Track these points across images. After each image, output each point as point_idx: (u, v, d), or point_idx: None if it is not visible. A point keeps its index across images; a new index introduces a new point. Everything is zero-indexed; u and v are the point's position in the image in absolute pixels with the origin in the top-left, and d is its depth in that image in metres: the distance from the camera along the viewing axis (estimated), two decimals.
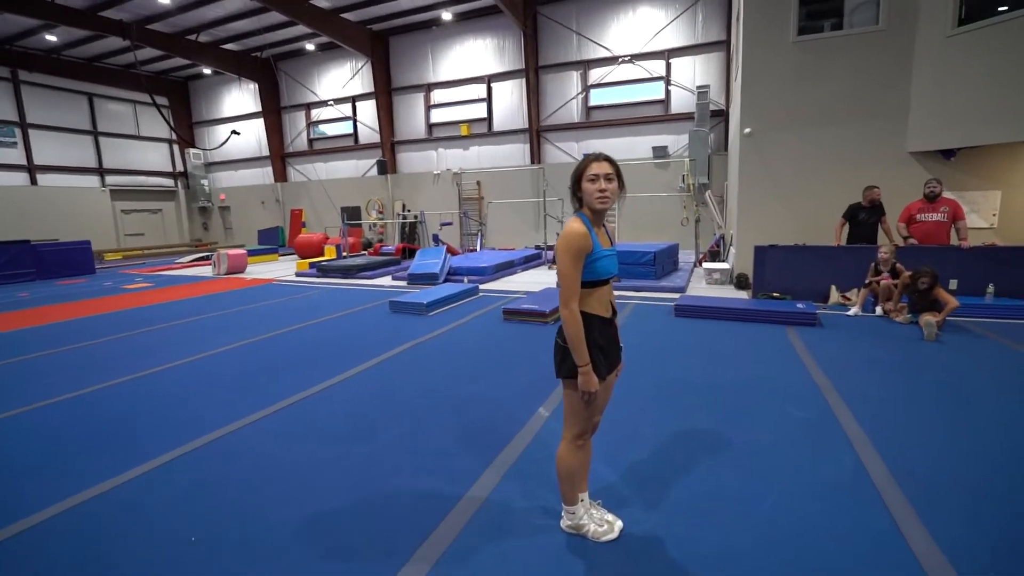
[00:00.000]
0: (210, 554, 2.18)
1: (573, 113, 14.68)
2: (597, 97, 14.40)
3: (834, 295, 6.52)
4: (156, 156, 20.68)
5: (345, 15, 15.16)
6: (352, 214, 17.39)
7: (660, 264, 8.67)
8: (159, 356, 5.21)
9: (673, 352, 4.80)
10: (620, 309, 6.65)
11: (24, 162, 16.96)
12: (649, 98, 13.80)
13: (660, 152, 13.36)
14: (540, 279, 9.67)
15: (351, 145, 18.25)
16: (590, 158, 1.99)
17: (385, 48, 16.78)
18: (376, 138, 17.56)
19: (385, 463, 2.89)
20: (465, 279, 9.23)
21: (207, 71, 19.14)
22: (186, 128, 20.96)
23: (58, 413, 3.83)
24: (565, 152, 14.79)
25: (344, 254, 12.88)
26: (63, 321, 7.25)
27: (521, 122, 15.30)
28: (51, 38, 15.68)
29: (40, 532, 2.37)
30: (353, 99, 17.85)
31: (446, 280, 9.44)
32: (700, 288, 8.12)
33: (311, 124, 18.88)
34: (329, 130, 18.77)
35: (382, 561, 2.08)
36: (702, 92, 12.51)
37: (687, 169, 12.77)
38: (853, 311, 5.94)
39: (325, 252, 13.80)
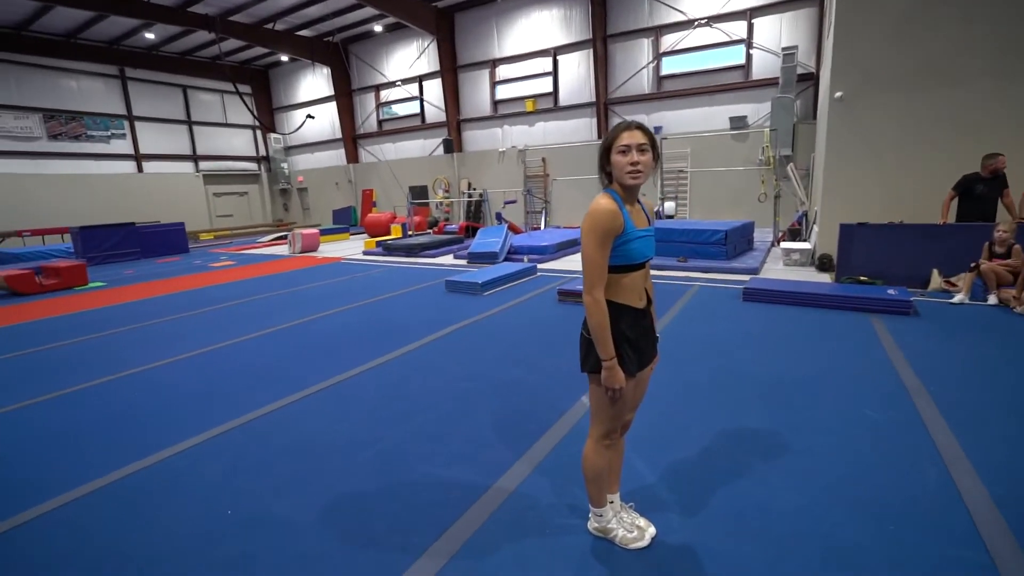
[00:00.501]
0: (241, 528, 2.24)
1: (643, 84, 13.90)
2: (669, 65, 13.51)
3: (935, 280, 5.73)
4: (241, 141, 22.11)
5: None
6: (419, 193, 17.71)
7: (732, 243, 8.05)
8: (224, 332, 5.54)
9: (735, 341, 4.41)
10: (683, 292, 6.31)
11: (132, 151, 18.73)
12: (727, 64, 12.74)
13: (738, 122, 12.36)
14: None
15: (418, 125, 18.49)
16: (621, 127, 1.75)
17: (450, 25, 16.68)
18: (442, 117, 17.66)
19: (418, 448, 2.86)
20: (525, 258, 9.10)
21: (284, 58, 20.02)
22: (267, 114, 22.18)
23: (127, 386, 4.17)
24: None
25: (409, 233, 13.15)
26: (154, 297, 7.96)
27: (588, 95, 14.73)
28: (150, 36, 17.01)
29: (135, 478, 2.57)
30: (420, 78, 18.00)
31: (506, 259, 9.36)
32: (776, 270, 7.46)
33: (380, 105, 19.31)
34: (398, 110, 19.11)
35: (398, 552, 2.03)
36: (788, 54, 11.35)
37: (767, 140, 11.73)
38: (958, 298, 5.18)
39: (392, 231, 14.17)
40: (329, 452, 2.87)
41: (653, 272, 7.71)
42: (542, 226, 13.88)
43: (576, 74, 14.91)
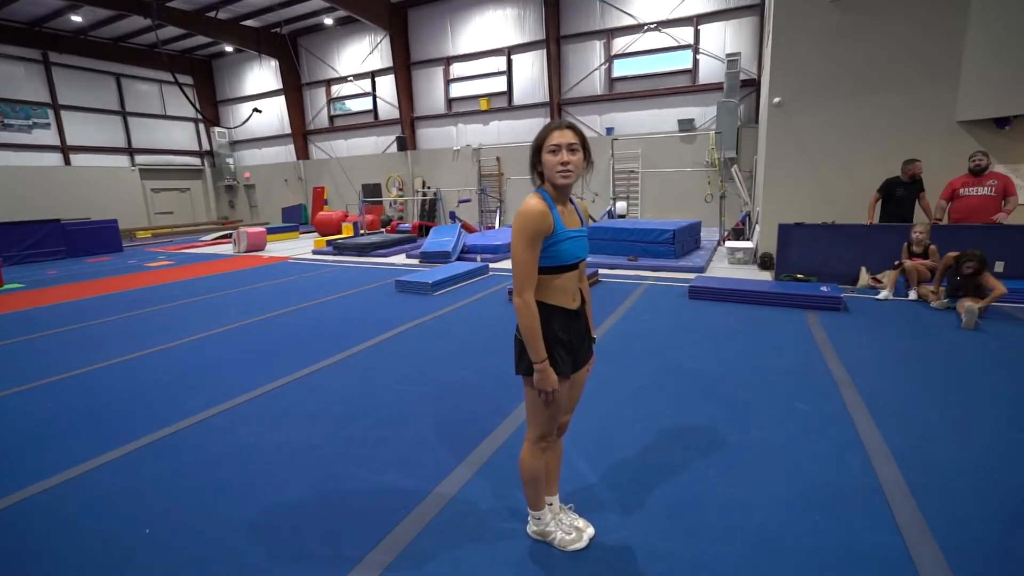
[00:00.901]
0: (160, 546, 2.09)
1: (596, 85, 14.11)
2: (621, 68, 13.77)
3: (863, 277, 6.07)
4: (183, 135, 20.99)
5: None
6: (373, 191, 17.31)
7: (680, 242, 8.27)
8: (154, 337, 5.22)
9: (679, 338, 4.52)
10: (632, 290, 6.42)
11: (58, 143, 17.43)
12: (676, 68, 13.10)
13: (686, 125, 12.73)
14: None
15: (371, 121, 18.09)
16: (551, 126, 1.73)
17: (404, 21, 16.41)
18: (396, 114, 17.35)
19: (357, 454, 2.76)
20: (478, 257, 9.04)
21: (228, 49, 19.16)
22: (210, 107, 21.15)
23: (47, 393, 3.85)
24: (587, 126, 14.26)
25: (361, 232, 12.84)
26: (75, 300, 7.42)
27: (542, 95, 14.82)
28: (76, 19, 15.86)
29: (17, 511, 2.34)
30: (372, 74, 17.61)
31: (459, 258, 9.27)
32: (722, 268, 7.72)
33: (331, 101, 18.77)
34: (350, 106, 18.63)
35: (330, 564, 1.94)
36: (732, 60, 11.79)
37: (713, 143, 12.14)
38: (883, 295, 5.51)
39: (343, 230, 13.80)
40: (259, 463, 2.72)
41: (605, 271, 7.89)
42: (496, 225, 13.86)
43: (530, 74, 14.97)
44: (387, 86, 17.44)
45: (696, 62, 12.81)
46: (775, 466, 2.49)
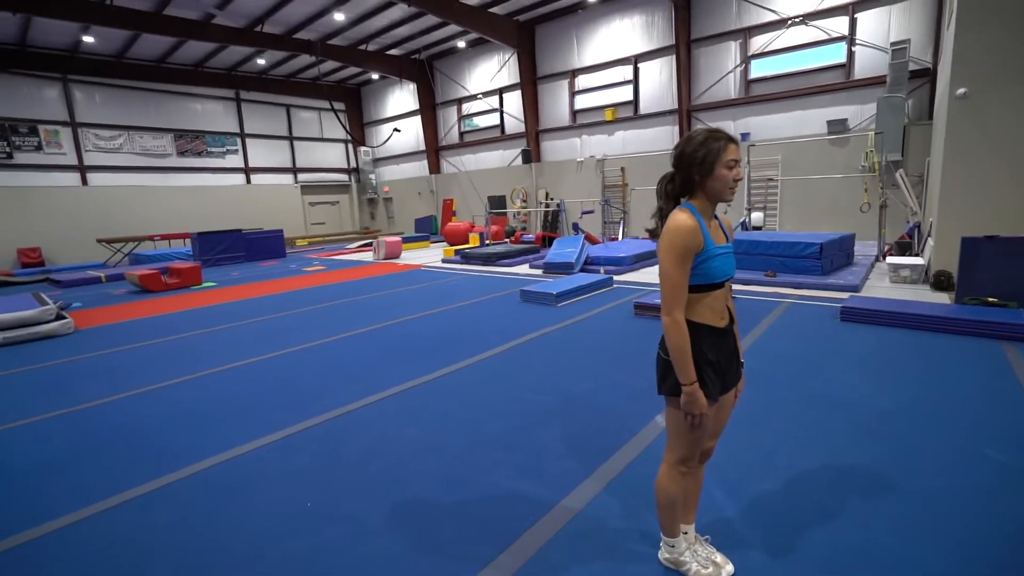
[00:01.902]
0: (317, 523, 2.35)
1: (730, 89, 13.26)
2: (759, 68, 12.79)
3: None
4: (334, 155, 23.74)
5: (492, 9, 15.59)
6: (497, 203, 18.03)
7: (828, 257, 7.42)
8: (315, 332, 5.92)
9: (831, 364, 4.04)
10: (770, 309, 5.89)
11: (242, 165, 20.72)
12: (825, 64, 11.83)
13: (837, 126, 11.42)
14: None
15: (498, 136, 18.87)
16: (723, 138, 1.64)
17: (531, 38, 16.93)
18: (521, 128, 17.90)
19: (486, 456, 2.87)
20: (601, 269, 8.95)
21: (375, 76, 21.29)
22: (358, 129, 23.65)
23: (245, 372, 4.56)
24: None
25: (487, 242, 13.40)
26: (256, 298, 8.69)
27: (670, 102, 14.30)
28: (261, 61, 18.79)
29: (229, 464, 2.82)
30: (500, 91, 18.39)
31: (583, 269, 9.26)
32: (882, 288, 6.78)
33: (462, 118, 19.94)
34: (478, 122, 19.64)
35: (461, 561, 2.04)
36: (898, 49, 10.34)
37: (871, 144, 10.73)
38: None
39: (470, 240, 14.52)
40: (400, 455, 2.95)
41: (736, 287, 7.33)
42: (619, 237, 13.60)
43: (657, 81, 14.54)
44: (513, 101, 18.09)
45: (851, 55, 11.45)
46: (957, 522, 2.10)
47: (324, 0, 14.53)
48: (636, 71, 14.90)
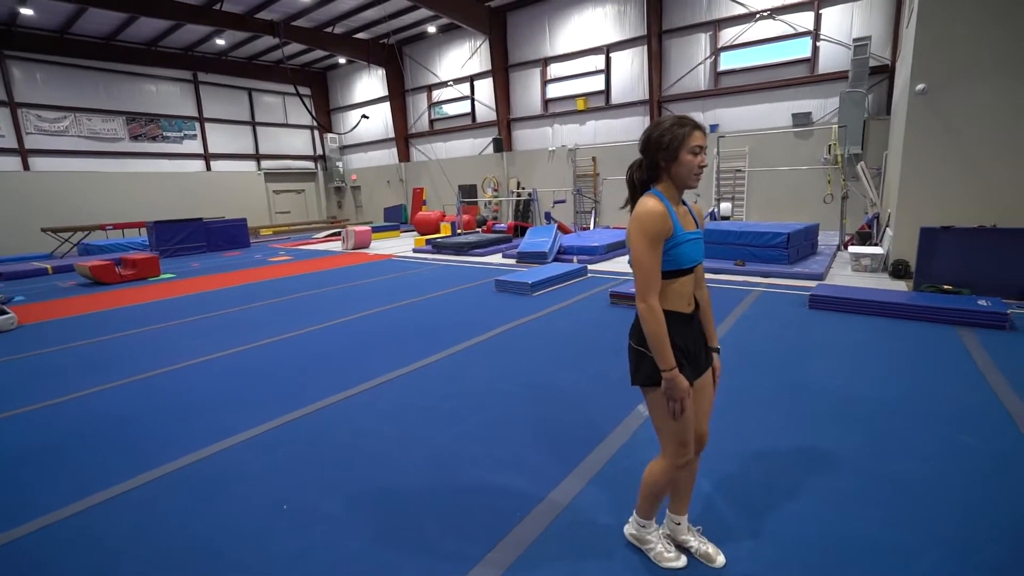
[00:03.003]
0: (297, 524, 2.26)
1: (700, 80, 13.43)
2: (728, 60, 12.98)
3: None
4: (300, 141, 22.99)
5: None
6: (469, 192, 17.84)
7: (795, 247, 7.63)
8: (281, 326, 5.72)
9: (803, 352, 4.15)
10: (741, 298, 6.02)
11: (201, 151, 19.83)
12: (791, 58, 12.10)
13: (802, 119, 11.72)
14: None
15: (469, 124, 18.63)
16: (689, 124, 1.64)
17: (503, 24, 16.71)
18: (493, 116, 17.72)
19: (467, 450, 2.83)
20: (575, 259, 8.97)
21: (342, 60, 20.65)
22: (324, 115, 22.94)
23: (191, 374, 4.36)
24: None
25: (458, 231, 13.25)
26: (218, 289, 8.35)
27: (641, 93, 14.38)
28: (220, 42, 17.92)
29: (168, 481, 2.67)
30: (471, 78, 18.13)
31: (556, 259, 9.25)
32: (844, 276, 7.01)
33: (432, 105, 19.59)
34: (448, 110, 19.34)
35: (452, 560, 1.99)
36: (860, 46, 10.65)
37: (834, 138, 11.06)
38: None
39: (441, 229, 14.33)
40: (378, 450, 2.88)
41: (708, 276, 7.46)
42: (591, 226, 13.67)
43: (629, 72, 14.59)
44: (485, 89, 17.87)
45: (816, 50, 11.74)
46: (940, 507, 2.18)
47: None
48: (608, 61, 14.91)
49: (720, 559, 1.91)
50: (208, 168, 20.01)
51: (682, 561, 1.91)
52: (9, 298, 8.20)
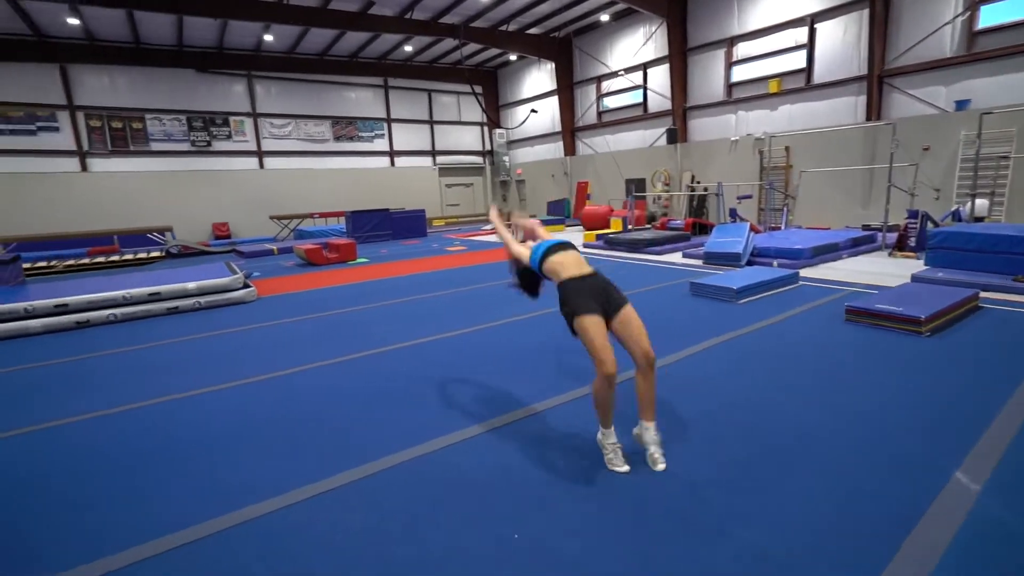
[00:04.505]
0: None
1: (944, 45, 10.87)
2: (991, 16, 10.27)
3: None
4: (470, 137, 24.23)
5: None
6: (636, 186, 17.05)
7: None
8: (478, 314, 5.75)
9: None
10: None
11: (387, 149, 21.98)
12: None
13: None
14: (877, 269, 7.53)
15: (639, 115, 17.76)
16: None
17: (682, 5, 15.52)
18: (666, 105, 16.63)
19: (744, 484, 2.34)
20: (775, 263, 7.82)
21: (512, 57, 21.16)
22: (494, 111, 23.84)
23: (396, 358, 4.50)
24: (924, 101, 11.17)
25: (629, 227, 12.64)
26: (405, 276, 8.94)
27: (856, 68, 12.17)
28: (408, 48, 19.56)
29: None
30: (644, 66, 17.21)
31: (749, 262, 8.19)
32: None
33: (601, 96, 19.08)
34: (618, 101, 18.66)
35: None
36: None
37: None
38: None
39: (611, 225, 13.83)
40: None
41: (984, 294, 5.65)
42: (783, 226, 12.01)
43: (841, 43, 12.44)
44: (657, 77, 16.85)
45: None
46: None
47: None
48: (812, 33, 12.91)
49: (661, 466, 2.47)
50: (392, 164, 22.12)
51: (624, 468, 2.49)
52: (250, 273, 9.76)
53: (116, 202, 16.81)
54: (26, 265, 11.82)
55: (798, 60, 13.33)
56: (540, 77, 21.36)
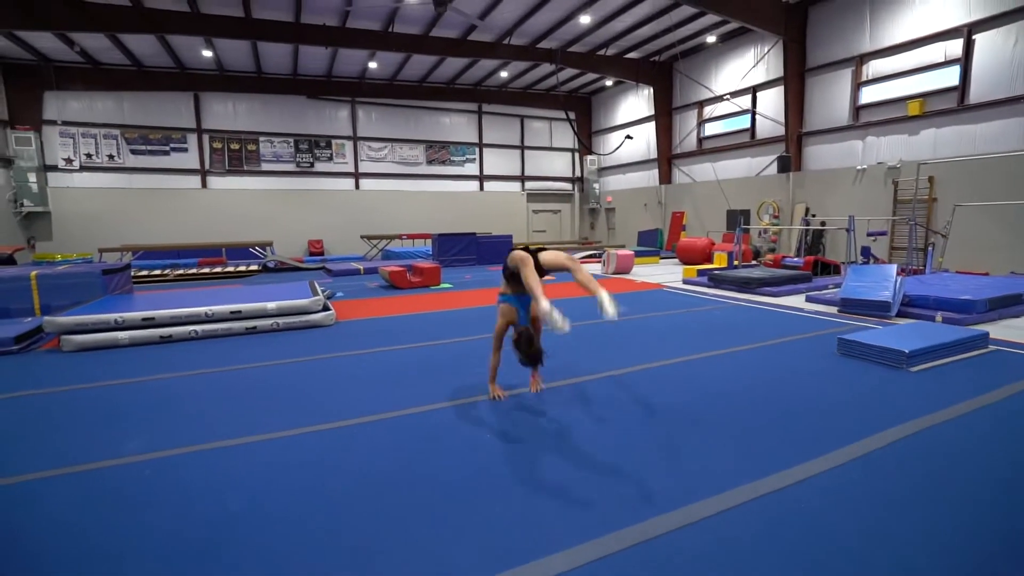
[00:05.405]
0: None
1: None
2: None
3: None
4: (561, 163, 23.81)
5: None
6: (739, 218, 15.58)
7: None
8: (583, 362, 5.00)
9: None
10: None
11: (477, 173, 22.09)
12: None
13: None
14: None
15: (745, 142, 16.38)
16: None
17: (802, 22, 14.16)
18: (777, 131, 15.16)
19: None
20: (938, 316, 6.35)
21: (608, 83, 20.59)
22: (586, 137, 23.31)
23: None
24: None
25: (736, 263, 11.35)
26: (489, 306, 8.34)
27: None
28: (503, 75, 19.64)
29: None
30: (753, 89, 15.89)
31: (899, 313, 6.76)
32: None
33: (702, 122, 17.91)
34: (721, 127, 17.39)
35: None
36: None
37: None
38: None
39: (715, 259, 12.57)
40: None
41: None
42: (926, 269, 10.17)
43: (1007, 56, 10.55)
44: (768, 101, 15.46)
45: None
46: None
47: (572, 3, 14.18)
48: (968, 45, 11.11)
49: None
50: (481, 188, 22.17)
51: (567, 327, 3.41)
52: (333, 294, 9.67)
53: (228, 217, 18.13)
54: (143, 273, 12.76)
55: (949, 77, 11.53)
56: (636, 103, 20.57)
